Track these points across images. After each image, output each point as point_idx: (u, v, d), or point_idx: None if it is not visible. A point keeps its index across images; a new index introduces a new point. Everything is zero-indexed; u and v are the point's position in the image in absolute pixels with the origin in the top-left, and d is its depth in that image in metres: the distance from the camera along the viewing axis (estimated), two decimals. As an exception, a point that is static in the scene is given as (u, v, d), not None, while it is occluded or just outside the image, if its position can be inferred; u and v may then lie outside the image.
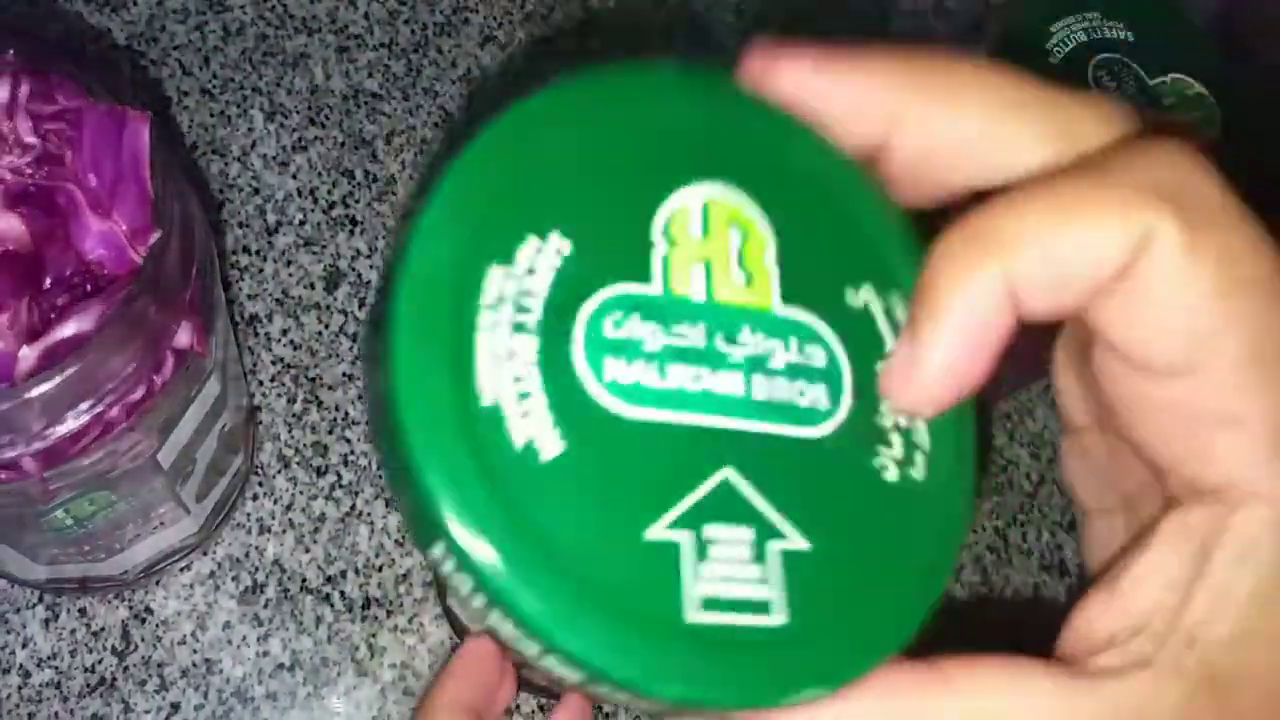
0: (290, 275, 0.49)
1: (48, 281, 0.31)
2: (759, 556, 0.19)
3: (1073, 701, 0.20)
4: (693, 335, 0.20)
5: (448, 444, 0.18)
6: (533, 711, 0.45)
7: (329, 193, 0.50)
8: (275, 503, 0.45)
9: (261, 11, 0.53)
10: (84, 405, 0.30)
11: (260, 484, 0.46)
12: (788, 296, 0.20)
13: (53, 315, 0.30)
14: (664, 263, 0.20)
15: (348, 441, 0.47)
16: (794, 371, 0.20)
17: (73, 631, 0.42)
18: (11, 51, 0.32)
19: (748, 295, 0.20)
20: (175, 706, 0.42)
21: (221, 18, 0.52)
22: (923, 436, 0.21)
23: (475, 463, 0.18)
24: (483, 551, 0.18)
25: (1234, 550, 0.20)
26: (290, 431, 0.47)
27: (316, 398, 0.47)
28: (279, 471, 0.46)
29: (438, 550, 0.18)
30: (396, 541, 0.46)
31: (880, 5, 0.62)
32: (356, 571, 0.45)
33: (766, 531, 0.19)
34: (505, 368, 0.18)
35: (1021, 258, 0.19)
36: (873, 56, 0.22)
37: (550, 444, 0.18)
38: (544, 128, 0.20)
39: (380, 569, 0.45)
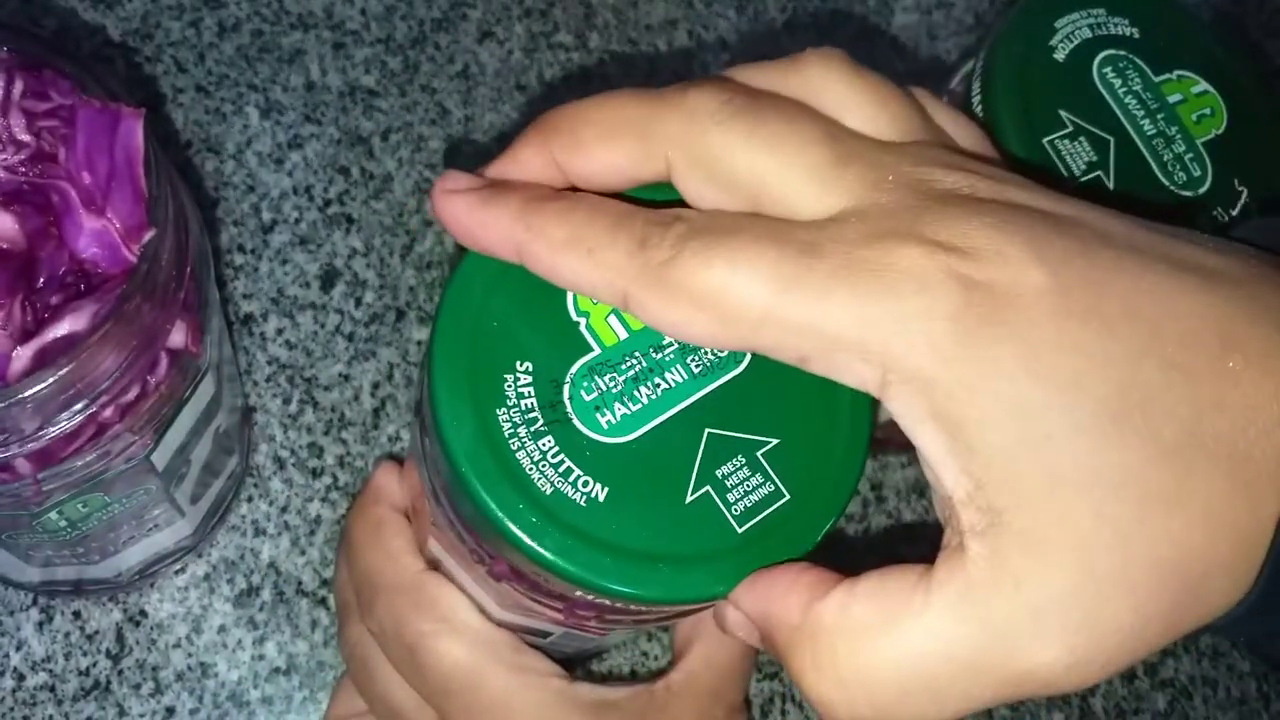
0: (286, 274, 0.48)
1: (41, 281, 0.31)
2: (755, 467, 0.27)
3: (911, 603, 0.23)
4: (635, 362, 0.27)
5: (545, 529, 0.25)
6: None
7: (325, 190, 0.50)
8: (270, 505, 0.45)
9: (257, 8, 0.52)
10: (77, 406, 0.30)
11: (255, 486, 0.45)
12: None
13: (46, 315, 0.30)
14: (589, 330, 0.27)
15: (343, 443, 0.46)
16: None
17: (67, 634, 0.42)
18: (5, 48, 0.32)
19: None
20: (170, 710, 0.42)
21: (217, 14, 0.52)
22: None
23: (567, 531, 0.25)
24: (613, 584, 0.26)
25: (920, 418, 0.23)
26: (285, 433, 0.46)
27: (312, 398, 0.47)
28: (274, 473, 0.46)
29: (578, 593, 0.26)
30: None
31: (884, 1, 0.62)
32: (353, 573, 0.45)
33: (750, 446, 0.27)
34: (546, 465, 0.26)
35: None
36: (502, 199, 0.26)
37: (599, 491, 0.26)
38: (481, 293, 0.27)
39: (377, 571, 0.45)
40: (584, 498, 0.26)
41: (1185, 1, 0.42)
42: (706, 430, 0.27)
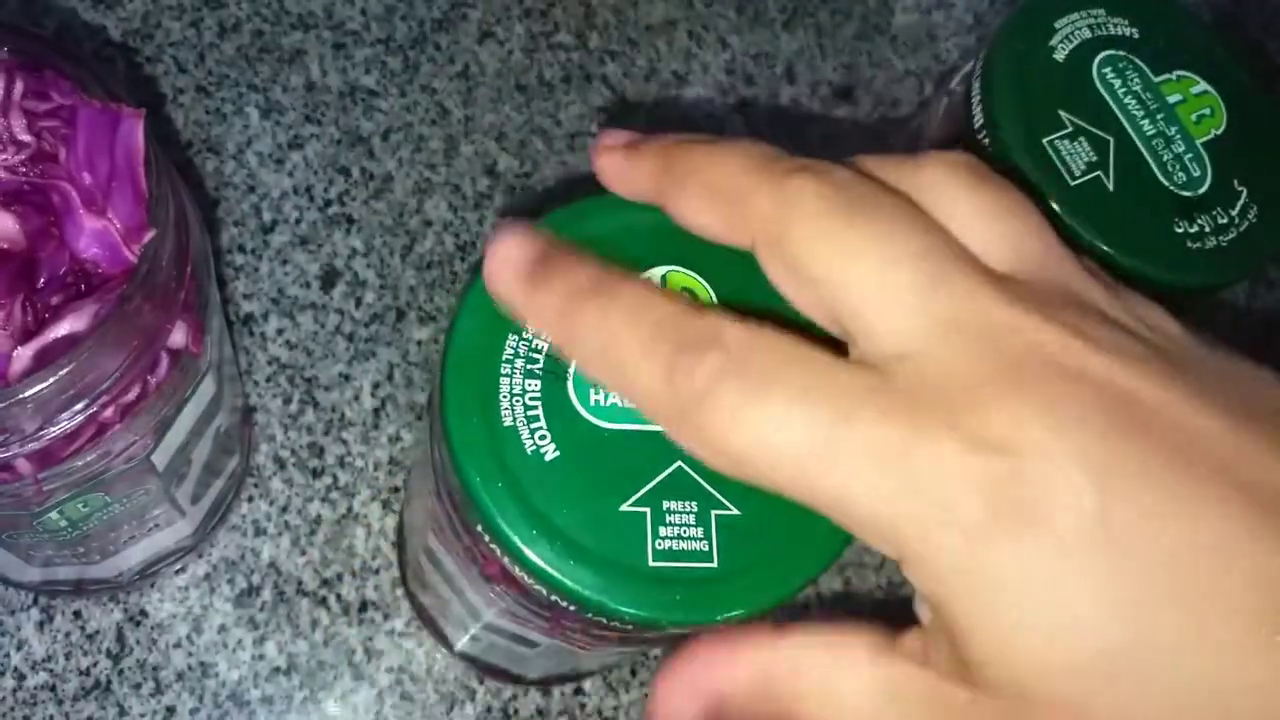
0: (286, 274, 0.48)
1: (41, 281, 0.31)
2: (702, 521, 0.26)
3: (873, 669, 0.23)
4: None
5: (480, 453, 0.26)
6: (531, 716, 0.44)
7: (325, 190, 0.50)
8: (271, 505, 0.45)
9: (258, 8, 0.52)
10: (78, 406, 0.30)
11: (256, 486, 0.45)
12: None
13: (46, 315, 0.30)
14: None
15: (344, 443, 0.46)
16: None
17: (67, 634, 0.42)
18: (5, 48, 0.32)
19: None
20: (171, 710, 0.42)
21: (217, 14, 0.52)
22: None
23: (498, 465, 0.26)
24: (504, 526, 0.25)
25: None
26: (286, 432, 0.46)
27: (312, 398, 0.47)
28: (275, 473, 0.46)
29: (477, 526, 0.26)
30: (393, 544, 0.45)
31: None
32: (353, 574, 0.45)
33: (708, 503, 0.26)
34: (519, 400, 0.26)
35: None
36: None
37: (550, 450, 0.26)
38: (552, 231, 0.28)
39: (377, 571, 0.45)
40: (533, 446, 0.26)
41: (1185, 1, 0.42)
42: (678, 462, 0.26)
